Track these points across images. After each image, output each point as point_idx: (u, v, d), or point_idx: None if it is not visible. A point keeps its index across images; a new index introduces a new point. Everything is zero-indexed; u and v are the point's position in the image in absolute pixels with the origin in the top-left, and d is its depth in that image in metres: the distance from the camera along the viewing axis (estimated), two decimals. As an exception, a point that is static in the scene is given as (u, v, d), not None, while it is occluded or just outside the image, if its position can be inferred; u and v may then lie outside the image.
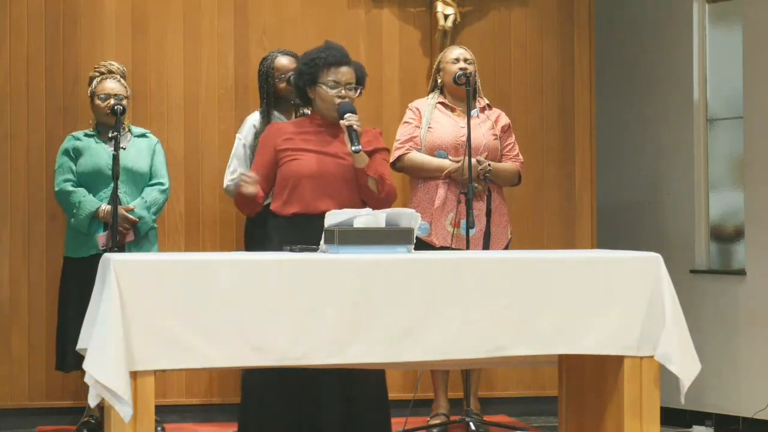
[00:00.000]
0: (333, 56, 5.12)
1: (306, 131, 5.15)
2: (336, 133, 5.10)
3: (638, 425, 4.37)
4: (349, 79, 5.12)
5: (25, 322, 6.46)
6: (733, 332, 6.82)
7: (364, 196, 5.11)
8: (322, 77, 5.10)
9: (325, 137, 5.12)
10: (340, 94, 5.08)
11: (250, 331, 4.09)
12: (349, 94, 5.11)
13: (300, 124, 5.24)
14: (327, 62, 5.10)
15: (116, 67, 6.18)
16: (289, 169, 5.06)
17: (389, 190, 5.13)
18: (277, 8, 6.74)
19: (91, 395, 4.00)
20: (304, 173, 5.03)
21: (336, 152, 5.07)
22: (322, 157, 5.07)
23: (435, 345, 4.23)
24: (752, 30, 6.80)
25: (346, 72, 5.12)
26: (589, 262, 4.44)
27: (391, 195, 5.16)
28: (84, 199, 5.97)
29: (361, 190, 5.09)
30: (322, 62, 5.10)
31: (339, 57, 5.13)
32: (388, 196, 5.14)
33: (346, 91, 5.10)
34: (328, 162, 5.06)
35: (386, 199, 5.13)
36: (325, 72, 5.10)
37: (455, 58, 6.17)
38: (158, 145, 6.20)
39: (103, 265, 4.17)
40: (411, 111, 6.22)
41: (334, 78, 5.09)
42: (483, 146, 6.08)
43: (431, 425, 6.10)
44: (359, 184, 5.08)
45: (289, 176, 5.06)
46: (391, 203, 5.16)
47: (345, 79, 5.11)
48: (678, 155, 7.20)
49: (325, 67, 5.10)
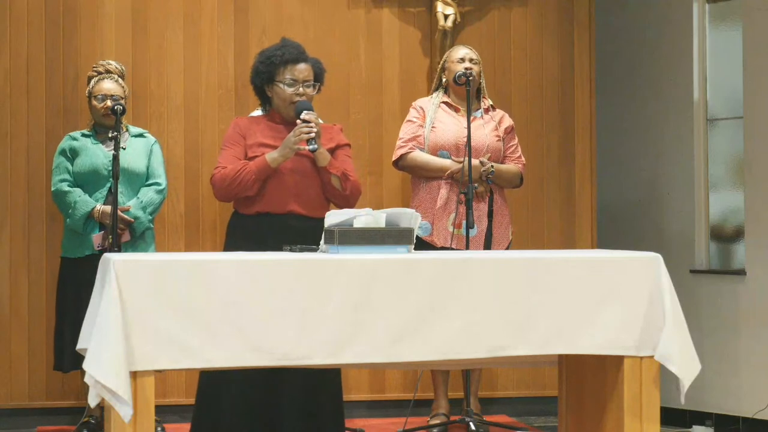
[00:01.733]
0: (290, 53, 5.06)
1: (265, 128, 5.09)
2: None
3: (638, 425, 4.37)
4: (307, 76, 5.07)
5: (24, 322, 6.46)
6: (733, 332, 6.82)
7: (328, 194, 5.06)
8: (279, 75, 5.05)
9: (285, 135, 5.03)
10: (297, 92, 5.04)
11: (250, 331, 4.09)
12: (307, 92, 5.06)
13: (259, 121, 5.16)
14: (284, 60, 5.04)
15: (114, 66, 6.17)
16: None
17: (353, 186, 5.07)
18: (277, 8, 6.74)
19: (91, 395, 4.00)
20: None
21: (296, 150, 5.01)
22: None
23: (435, 345, 4.23)
24: (752, 30, 6.80)
25: (303, 69, 5.07)
26: (589, 262, 4.44)
27: (356, 191, 5.09)
28: (79, 199, 5.97)
29: (325, 188, 5.04)
30: (279, 60, 5.04)
31: (296, 54, 5.07)
32: (353, 193, 5.08)
33: (303, 89, 5.05)
34: (291, 160, 5.00)
35: (351, 195, 5.07)
36: (282, 70, 5.05)
37: (461, 58, 6.16)
38: (155, 145, 6.19)
39: (103, 265, 4.17)
40: (415, 109, 6.21)
41: (291, 75, 5.04)
42: (486, 147, 6.08)
43: (431, 425, 6.10)
44: (323, 182, 5.03)
45: None
46: (356, 200, 5.09)
47: (302, 77, 5.06)
48: (678, 155, 7.20)
49: (282, 65, 5.04)
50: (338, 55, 6.75)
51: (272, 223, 4.92)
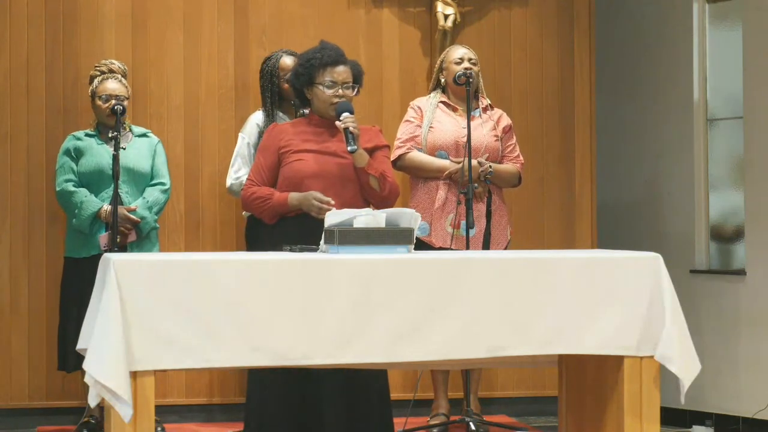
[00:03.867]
0: (329, 56, 5.13)
1: (305, 131, 5.16)
2: (335, 132, 5.11)
3: (638, 425, 4.37)
4: (346, 78, 5.14)
5: (25, 322, 6.46)
6: (733, 332, 6.82)
7: (366, 194, 5.12)
8: (318, 77, 5.11)
9: (325, 137, 5.13)
10: (337, 94, 5.09)
11: (250, 331, 4.09)
12: (347, 93, 5.12)
13: (299, 124, 5.24)
14: (323, 62, 5.11)
15: (117, 66, 6.18)
16: (292, 170, 5.07)
17: (392, 187, 5.14)
18: (277, 8, 6.74)
19: (91, 395, 4.00)
20: (306, 174, 5.04)
21: (336, 151, 5.08)
22: (323, 156, 5.08)
23: (435, 345, 4.23)
24: (752, 30, 6.80)
25: (342, 71, 5.13)
26: (589, 262, 4.44)
27: (394, 192, 5.16)
28: (86, 199, 5.97)
29: (364, 189, 5.10)
30: (319, 62, 5.11)
31: (335, 56, 5.14)
32: (391, 194, 5.14)
33: (343, 90, 5.11)
34: (329, 162, 5.07)
35: (389, 196, 5.14)
36: (321, 72, 5.11)
37: (459, 58, 6.15)
38: (159, 145, 6.20)
39: (103, 265, 4.17)
40: (413, 109, 6.21)
41: (330, 77, 5.11)
42: (484, 147, 6.08)
43: (431, 425, 6.10)
44: (361, 183, 5.08)
45: (291, 177, 5.06)
46: (395, 201, 5.17)
47: (342, 79, 5.12)
48: (678, 155, 7.20)
49: (322, 67, 5.11)
50: (338, 55, 6.75)
51: (313, 224, 4.92)
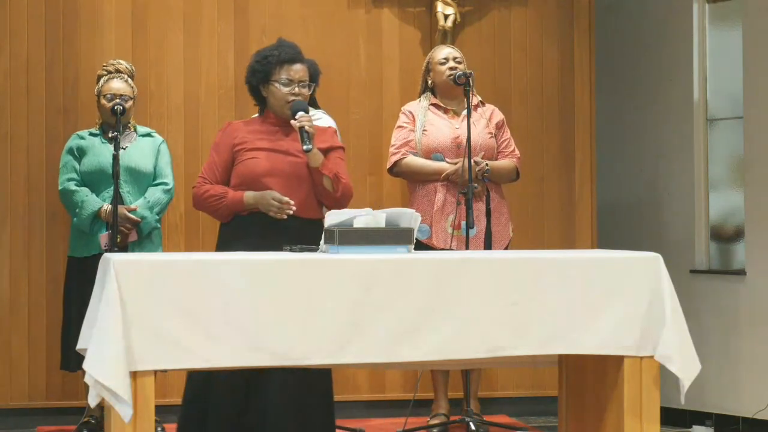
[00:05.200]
0: (286, 53, 5.10)
1: (259, 130, 5.12)
2: (290, 131, 5.08)
3: (638, 425, 4.37)
4: (303, 76, 5.11)
5: (25, 322, 6.46)
6: (733, 332, 6.82)
7: (319, 195, 5.08)
8: (275, 74, 5.09)
9: (280, 136, 5.09)
10: (293, 92, 5.07)
11: (250, 331, 4.09)
12: (302, 92, 5.09)
13: (253, 123, 5.20)
14: (280, 59, 5.08)
15: (124, 66, 6.17)
16: (246, 168, 5.04)
17: (344, 189, 5.09)
18: (277, 8, 6.74)
19: (91, 395, 4.00)
20: (260, 172, 5.01)
21: (289, 150, 5.05)
22: (276, 155, 5.05)
23: (435, 345, 4.23)
24: (752, 30, 6.80)
25: (299, 69, 5.10)
26: (590, 262, 4.44)
27: (347, 194, 5.12)
28: (86, 198, 5.97)
29: (317, 190, 5.06)
30: (275, 59, 5.08)
31: (292, 54, 5.11)
32: (344, 195, 5.10)
33: (299, 89, 5.08)
34: (283, 160, 5.04)
35: (342, 198, 5.09)
36: (278, 69, 5.09)
37: (444, 58, 6.15)
38: (163, 145, 6.19)
39: (103, 265, 4.17)
40: (404, 115, 6.20)
41: (287, 75, 5.08)
42: (479, 146, 6.07)
43: (431, 425, 6.10)
44: (314, 184, 5.05)
45: (245, 175, 5.03)
46: (348, 202, 5.11)
47: (298, 77, 5.09)
48: (678, 155, 7.20)
49: (279, 65, 5.08)
50: (338, 55, 6.75)
51: (265, 224, 4.92)
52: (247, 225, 5.00)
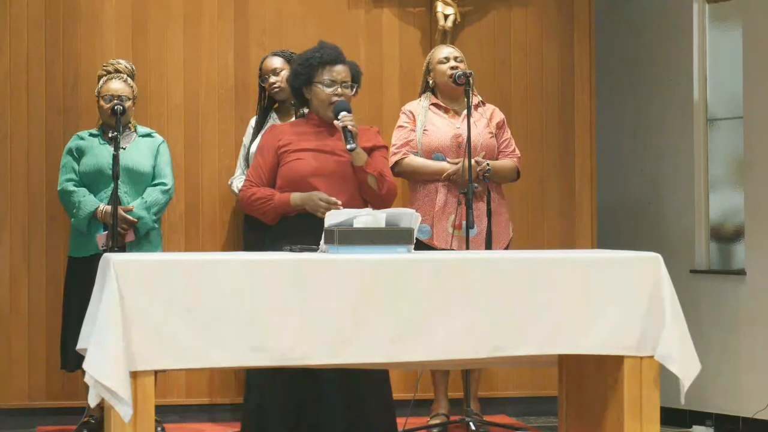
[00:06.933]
0: (328, 55, 5.16)
1: (304, 131, 5.17)
2: (334, 131, 5.14)
3: (638, 425, 4.37)
4: (345, 77, 5.16)
5: (25, 322, 6.46)
6: (733, 332, 6.82)
7: (364, 194, 5.13)
8: (317, 76, 5.14)
9: (324, 136, 5.15)
10: (336, 92, 5.12)
11: (250, 331, 4.09)
12: (345, 92, 5.15)
13: (297, 124, 5.27)
14: (322, 61, 5.14)
15: (124, 66, 6.17)
16: (291, 169, 5.08)
17: (389, 187, 5.17)
18: (277, 8, 6.74)
19: (91, 395, 4.00)
20: (306, 173, 5.06)
21: (334, 150, 5.11)
22: (321, 155, 5.10)
23: (435, 345, 4.23)
24: (752, 30, 6.80)
25: (341, 70, 5.16)
26: (590, 262, 4.44)
27: (392, 192, 5.19)
28: (84, 199, 5.98)
29: (362, 188, 5.12)
30: (317, 61, 5.14)
31: (334, 55, 5.17)
32: (389, 193, 5.17)
33: (342, 89, 5.14)
34: (328, 160, 5.09)
35: (387, 196, 5.17)
36: (320, 71, 5.14)
37: (444, 57, 6.15)
38: (163, 145, 6.19)
39: (103, 265, 4.17)
40: (405, 114, 6.20)
41: (329, 76, 5.14)
42: (480, 145, 6.07)
43: (431, 425, 6.10)
44: (359, 182, 5.10)
45: (291, 176, 5.07)
46: (393, 200, 5.20)
47: (341, 78, 5.15)
48: (678, 155, 7.20)
49: (321, 66, 5.14)
50: (338, 55, 6.75)
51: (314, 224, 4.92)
52: (295, 226, 5.03)
